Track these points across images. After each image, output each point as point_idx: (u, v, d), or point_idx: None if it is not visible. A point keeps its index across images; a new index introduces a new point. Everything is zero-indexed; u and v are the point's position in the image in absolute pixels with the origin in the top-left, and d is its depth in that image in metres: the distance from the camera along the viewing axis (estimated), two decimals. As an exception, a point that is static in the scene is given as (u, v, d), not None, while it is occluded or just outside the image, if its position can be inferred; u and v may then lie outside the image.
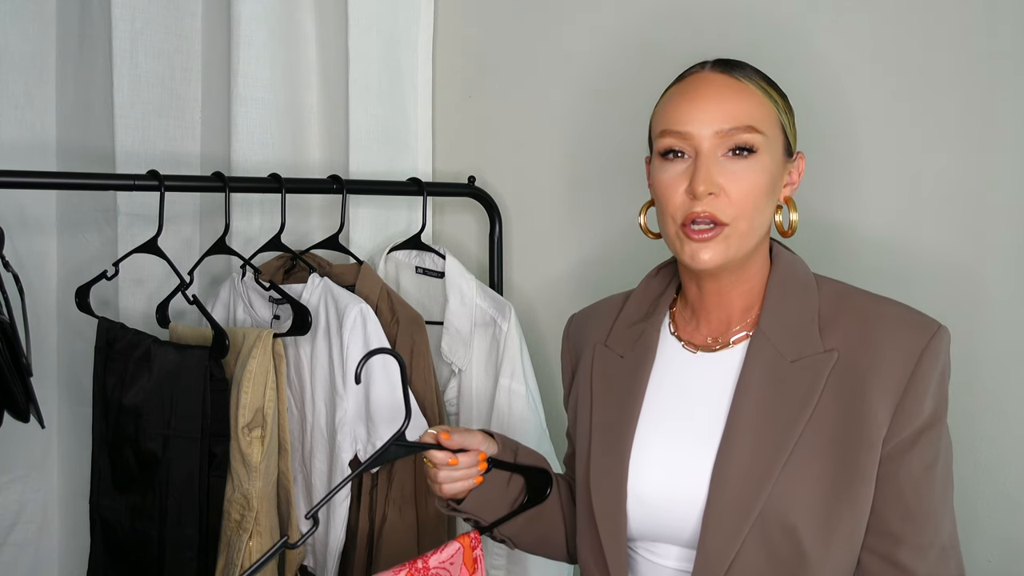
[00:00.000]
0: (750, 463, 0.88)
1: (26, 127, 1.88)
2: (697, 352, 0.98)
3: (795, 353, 0.90)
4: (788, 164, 0.95)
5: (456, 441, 1.01)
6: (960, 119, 1.13)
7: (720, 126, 0.89)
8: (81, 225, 1.90)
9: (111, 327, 1.47)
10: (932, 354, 0.86)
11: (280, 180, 1.41)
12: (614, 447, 0.97)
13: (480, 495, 1.04)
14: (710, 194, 0.89)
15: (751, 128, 0.89)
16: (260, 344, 1.32)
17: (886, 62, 1.18)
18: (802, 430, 0.87)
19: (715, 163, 0.89)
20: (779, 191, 0.94)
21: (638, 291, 1.08)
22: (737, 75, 0.92)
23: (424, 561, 1.00)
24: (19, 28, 1.86)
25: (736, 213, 0.89)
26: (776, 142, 0.92)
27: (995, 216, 1.11)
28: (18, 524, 1.95)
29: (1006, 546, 1.12)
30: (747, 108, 0.90)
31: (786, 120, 0.94)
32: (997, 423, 1.12)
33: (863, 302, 0.93)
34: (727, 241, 0.90)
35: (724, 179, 0.89)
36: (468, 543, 1.06)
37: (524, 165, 1.63)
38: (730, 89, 0.91)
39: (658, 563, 0.95)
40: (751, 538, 0.86)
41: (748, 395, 0.91)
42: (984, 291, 1.12)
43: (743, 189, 0.89)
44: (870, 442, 0.86)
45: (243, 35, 1.67)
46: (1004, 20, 1.09)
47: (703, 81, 0.93)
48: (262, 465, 1.31)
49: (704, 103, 0.91)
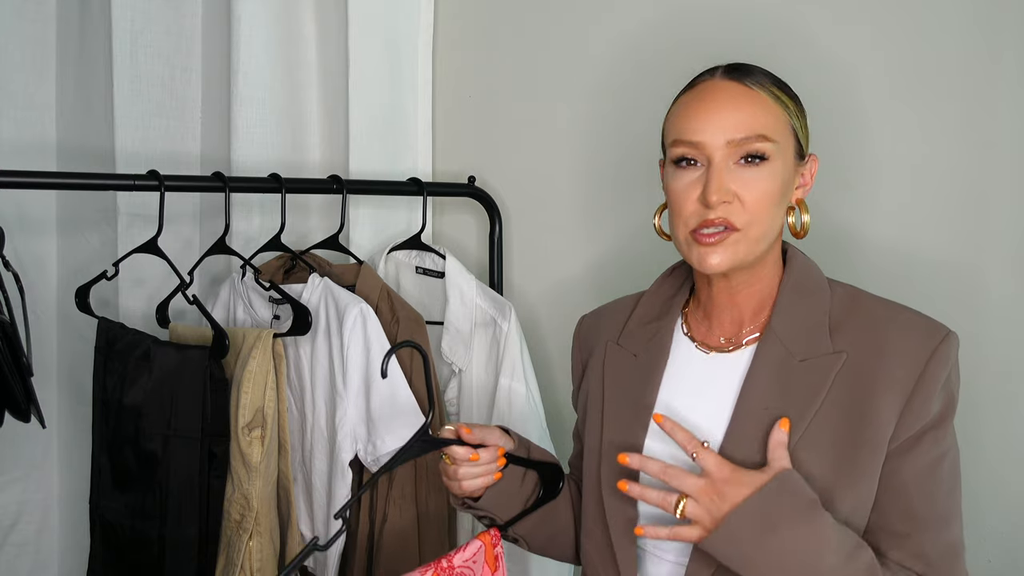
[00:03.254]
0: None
1: (26, 127, 1.88)
2: (711, 353, 0.99)
3: (804, 353, 0.91)
4: (800, 167, 0.95)
5: (476, 436, 1.01)
6: (964, 120, 1.13)
7: (732, 135, 0.90)
8: (81, 225, 1.90)
9: (111, 327, 1.47)
10: (940, 359, 0.87)
11: (280, 180, 1.41)
12: (625, 444, 0.98)
13: (497, 493, 1.04)
14: (724, 202, 0.90)
15: (762, 137, 0.89)
16: (260, 344, 1.32)
17: (891, 63, 1.18)
18: (806, 428, 0.88)
19: (727, 171, 0.90)
20: (791, 194, 0.95)
21: (651, 291, 1.08)
22: (748, 82, 0.92)
23: (448, 561, 1.01)
24: (19, 28, 1.86)
25: (749, 219, 0.90)
26: (787, 147, 0.92)
27: (996, 216, 1.11)
28: (18, 524, 1.96)
29: (1006, 546, 1.12)
30: (758, 116, 0.90)
31: (798, 124, 0.94)
32: (998, 424, 1.12)
33: (874, 306, 0.93)
34: (736, 246, 0.91)
35: (737, 186, 0.90)
36: (489, 541, 1.06)
37: (524, 165, 1.63)
38: (741, 97, 0.91)
39: (664, 558, 0.96)
40: None
41: (754, 391, 0.91)
42: (986, 290, 1.12)
43: (755, 196, 0.89)
44: (873, 444, 0.86)
45: (243, 35, 1.67)
46: (1006, 21, 1.09)
47: (714, 89, 0.93)
48: (262, 465, 1.31)
49: (716, 113, 0.91)
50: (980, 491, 1.11)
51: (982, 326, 1.12)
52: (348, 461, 1.36)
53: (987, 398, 1.11)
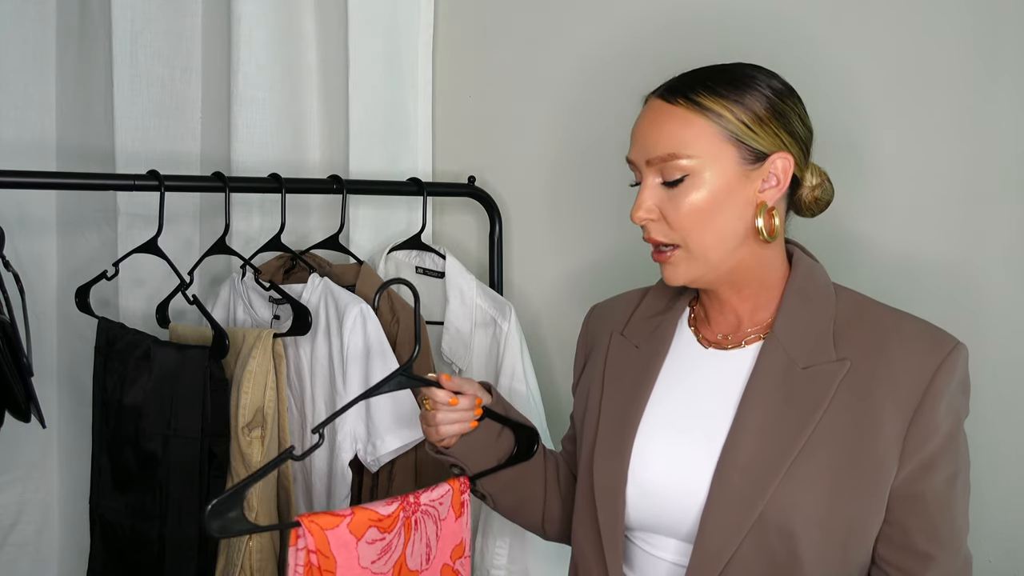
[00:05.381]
0: (754, 465, 0.88)
1: (26, 127, 1.88)
2: (709, 348, 0.99)
3: (807, 360, 0.90)
4: (754, 171, 0.91)
5: (455, 384, 1.04)
6: (965, 119, 1.13)
7: (649, 155, 0.93)
8: (81, 225, 1.90)
9: (111, 327, 1.47)
10: (947, 372, 0.86)
11: (280, 180, 1.41)
12: (619, 433, 0.98)
13: (470, 442, 1.07)
14: (650, 220, 0.93)
15: (672, 155, 0.91)
16: (260, 344, 1.32)
17: (888, 63, 1.18)
18: (808, 437, 0.87)
19: (651, 190, 0.93)
20: (742, 199, 0.91)
21: (658, 285, 1.09)
22: (675, 99, 0.92)
23: (416, 497, 1.05)
24: (19, 28, 1.86)
25: (681, 235, 0.92)
26: (718, 158, 0.90)
27: (996, 216, 1.11)
28: (18, 524, 1.96)
29: (1007, 547, 1.12)
30: (670, 136, 0.91)
31: (743, 130, 0.90)
32: (998, 423, 1.12)
33: (880, 314, 0.92)
34: (688, 260, 0.93)
35: (662, 204, 0.92)
36: (457, 487, 1.09)
37: (524, 165, 1.63)
38: (660, 116, 0.93)
39: (655, 555, 0.96)
40: (749, 540, 0.87)
41: (757, 398, 0.91)
42: (986, 290, 1.12)
43: (681, 211, 0.91)
44: (877, 457, 0.85)
45: (243, 35, 1.67)
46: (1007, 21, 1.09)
47: (646, 109, 0.96)
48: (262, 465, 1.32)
49: (638, 133, 0.95)
50: (979, 491, 1.11)
51: (981, 326, 1.11)
52: (348, 461, 1.36)
53: (986, 398, 1.11)
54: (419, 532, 1.04)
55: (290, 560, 0.94)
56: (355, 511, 0.98)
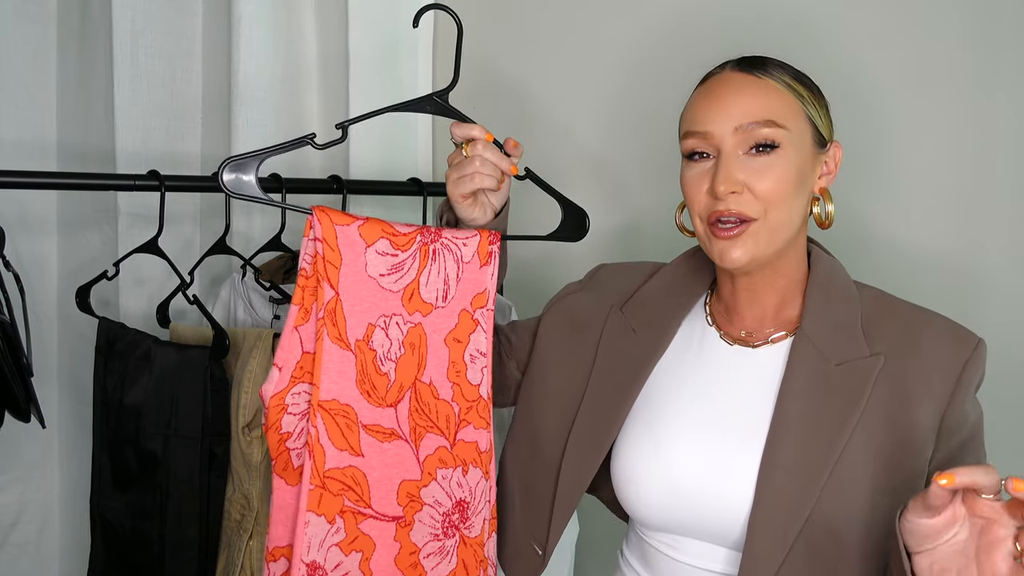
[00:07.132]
0: (797, 467, 0.87)
1: (27, 127, 1.88)
2: (735, 345, 0.98)
3: (839, 356, 0.90)
4: (820, 155, 0.94)
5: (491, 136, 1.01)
6: (966, 119, 1.13)
7: (739, 122, 0.89)
8: (81, 225, 1.90)
9: (111, 327, 1.47)
10: (974, 366, 0.88)
11: (280, 180, 1.41)
12: (602, 421, 0.98)
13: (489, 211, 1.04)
14: (733, 192, 0.88)
15: (771, 122, 0.88)
16: (260, 344, 1.32)
17: (893, 61, 1.18)
18: (850, 434, 0.86)
19: (736, 161, 0.89)
20: (811, 183, 0.93)
21: (669, 268, 1.07)
22: (757, 72, 0.92)
23: (438, 231, 1.02)
24: (19, 28, 1.86)
25: (763, 208, 0.89)
26: (802, 135, 0.91)
27: (996, 216, 1.11)
28: (18, 524, 1.95)
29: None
30: (766, 103, 0.89)
31: (814, 112, 0.92)
32: (998, 423, 1.12)
33: (906, 310, 0.93)
34: (755, 237, 0.89)
35: (747, 176, 0.88)
36: (486, 236, 1.05)
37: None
38: (749, 86, 0.91)
39: (677, 559, 0.95)
40: (799, 542, 0.86)
41: (794, 397, 0.90)
42: (986, 290, 1.12)
43: (767, 184, 0.88)
44: (915, 448, 0.86)
45: (243, 35, 1.67)
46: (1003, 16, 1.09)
47: (723, 81, 0.93)
48: (262, 465, 1.31)
49: (723, 102, 0.91)
50: (980, 491, 1.11)
51: (981, 326, 1.11)
52: (348, 461, 1.36)
53: (985, 398, 1.11)
54: (436, 265, 1.00)
55: (302, 251, 0.94)
56: (370, 219, 0.95)
